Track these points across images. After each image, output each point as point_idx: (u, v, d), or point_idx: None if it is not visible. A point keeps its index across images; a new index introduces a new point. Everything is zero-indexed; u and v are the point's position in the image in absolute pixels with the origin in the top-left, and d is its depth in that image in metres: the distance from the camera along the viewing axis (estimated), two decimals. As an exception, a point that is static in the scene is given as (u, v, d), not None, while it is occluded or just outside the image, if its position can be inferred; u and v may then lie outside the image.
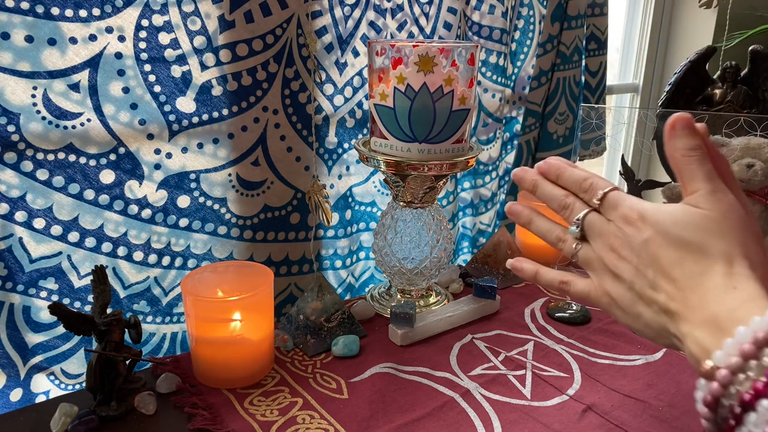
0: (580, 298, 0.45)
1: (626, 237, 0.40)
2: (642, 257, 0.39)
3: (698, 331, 0.35)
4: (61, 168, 0.66)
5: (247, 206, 0.81)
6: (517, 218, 0.49)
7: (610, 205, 0.41)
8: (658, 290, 0.38)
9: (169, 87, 0.71)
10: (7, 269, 0.65)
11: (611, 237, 0.41)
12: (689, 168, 0.39)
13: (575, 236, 0.44)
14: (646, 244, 0.38)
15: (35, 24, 0.61)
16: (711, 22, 1.51)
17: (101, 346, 0.58)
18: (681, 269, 0.37)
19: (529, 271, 0.49)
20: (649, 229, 0.38)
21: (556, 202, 0.45)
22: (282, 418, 0.59)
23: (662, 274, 0.38)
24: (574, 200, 0.44)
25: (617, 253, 0.40)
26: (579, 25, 1.13)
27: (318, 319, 0.74)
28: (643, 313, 0.40)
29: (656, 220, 0.38)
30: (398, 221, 0.79)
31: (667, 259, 0.37)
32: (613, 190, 0.42)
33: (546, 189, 0.46)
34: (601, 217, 0.42)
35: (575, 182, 0.44)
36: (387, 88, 0.71)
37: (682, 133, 0.39)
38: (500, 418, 0.60)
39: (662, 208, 0.39)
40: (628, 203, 0.40)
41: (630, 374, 0.68)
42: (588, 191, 0.43)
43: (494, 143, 1.12)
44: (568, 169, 0.45)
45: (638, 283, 0.39)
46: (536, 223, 0.48)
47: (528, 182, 0.47)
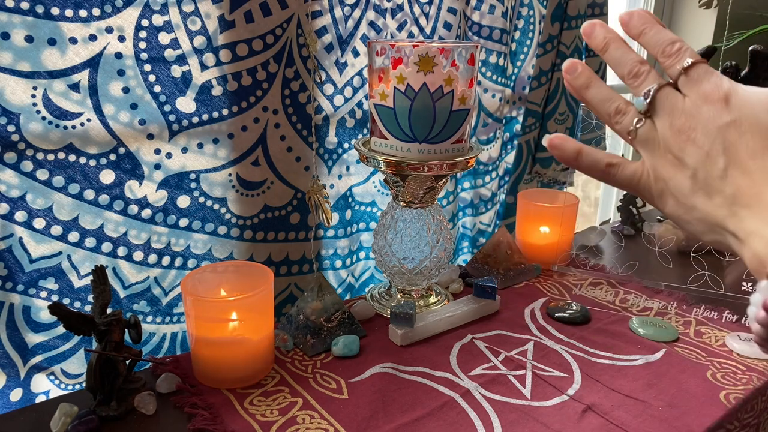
0: (627, 185, 0.40)
1: (703, 118, 0.35)
2: (717, 143, 0.34)
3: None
4: (61, 168, 0.66)
5: (247, 206, 0.81)
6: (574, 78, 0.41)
7: (695, 77, 0.36)
8: (727, 181, 0.34)
9: (169, 87, 0.71)
10: (7, 269, 0.65)
11: (684, 116, 0.36)
12: None
13: (641, 110, 0.38)
14: (726, 128, 0.34)
15: (35, 24, 0.61)
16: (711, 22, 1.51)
17: (101, 346, 0.58)
18: (762, 161, 0.33)
19: (570, 149, 0.41)
20: (734, 111, 0.34)
21: (627, 67, 0.39)
22: (282, 418, 0.59)
23: (737, 165, 0.34)
24: (649, 69, 0.38)
25: (687, 135, 0.35)
26: (579, 25, 1.13)
27: (318, 319, 0.74)
28: (701, 204, 0.35)
29: (746, 103, 0.34)
30: (398, 221, 0.79)
31: (747, 149, 0.33)
32: (703, 62, 0.36)
33: (618, 50, 0.39)
34: (676, 93, 0.36)
35: (660, 42, 0.37)
36: (387, 88, 0.71)
37: None
38: (500, 418, 0.60)
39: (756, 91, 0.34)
40: (716, 79, 0.35)
41: (630, 374, 0.68)
42: (673, 56, 0.37)
43: (494, 143, 1.12)
44: (656, 26, 0.38)
45: (704, 170, 0.35)
46: (595, 88, 0.40)
47: (599, 39, 0.40)
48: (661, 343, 0.75)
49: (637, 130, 0.38)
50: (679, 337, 0.77)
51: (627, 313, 0.84)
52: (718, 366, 0.71)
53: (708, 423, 0.60)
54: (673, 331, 0.78)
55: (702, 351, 0.74)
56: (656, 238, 1.01)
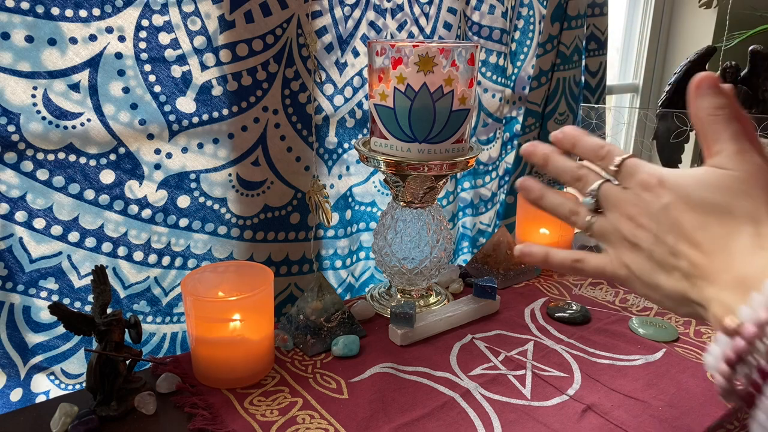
0: (596, 274, 0.43)
1: (645, 204, 0.38)
2: (662, 224, 0.37)
3: (725, 294, 0.34)
4: (61, 168, 0.66)
5: (247, 206, 0.81)
6: (527, 193, 0.46)
7: (628, 172, 0.39)
8: (679, 257, 0.36)
9: (169, 87, 0.71)
10: (7, 269, 0.65)
11: (628, 205, 0.39)
12: (714, 128, 0.36)
13: (590, 208, 0.42)
14: (667, 209, 0.37)
15: (35, 24, 0.61)
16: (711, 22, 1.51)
17: (101, 346, 0.58)
18: (704, 233, 0.35)
19: (538, 254, 0.46)
20: (669, 193, 0.37)
21: (569, 174, 0.43)
22: (282, 418, 0.59)
23: (684, 240, 0.36)
24: (588, 171, 0.42)
25: (635, 222, 0.38)
26: (579, 25, 1.13)
27: (318, 319, 0.74)
28: (664, 282, 0.38)
29: (677, 184, 0.36)
30: (398, 221, 0.80)
31: (689, 224, 0.36)
32: (631, 157, 0.39)
33: (558, 162, 0.44)
34: (617, 187, 0.40)
35: (592, 149, 0.42)
36: (387, 88, 0.71)
37: (709, 92, 0.37)
38: (500, 418, 0.60)
39: (683, 172, 0.37)
40: (647, 169, 0.38)
41: (630, 374, 0.68)
42: (605, 158, 0.41)
43: (494, 143, 1.12)
44: (584, 137, 0.43)
45: (658, 251, 0.37)
46: (548, 197, 0.45)
47: (539, 156, 0.44)
48: (661, 343, 0.75)
49: (592, 225, 0.42)
50: (679, 337, 0.77)
51: (627, 313, 0.84)
52: (718, 366, 0.71)
53: (708, 423, 0.60)
54: (673, 331, 0.78)
55: (702, 351, 0.74)
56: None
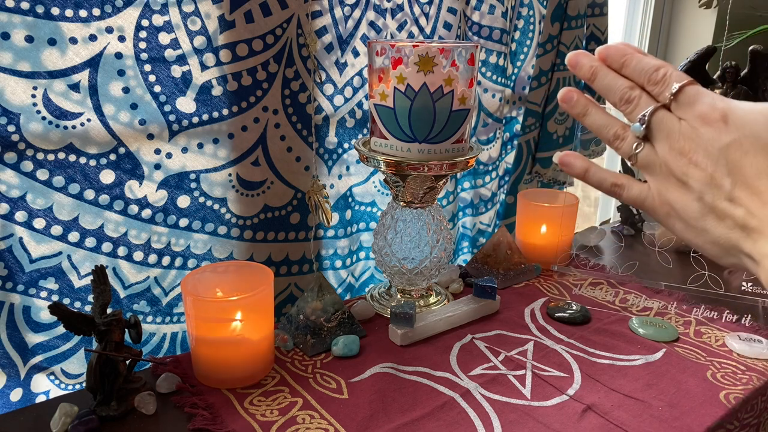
0: (634, 204, 0.40)
1: (702, 140, 0.34)
2: (720, 164, 0.33)
3: None
4: (61, 168, 0.66)
5: (247, 206, 0.81)
6: (570, 107, 0.41)
7: (686, 100, 0.35)
8: (736, 203, 0.33)
9: (169, 87, 0.71)
10: (7, 269, 0.65)
11: (683, 139, 0.35)
12: None
13: (638, 135, 0.37)
14: (728, 148, 0.33)
15: (35, 24, 0.61)
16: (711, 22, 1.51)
17: (101, 346, 0.58)
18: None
19: (579, 167, 0.42)
20: (734, 131, 0.33)
21: (618, 94, 0.38)
22: (282, 418, 0.59)
23: (744, 185, 0.33)
24: (640, 93, 0.37)
25: (688, 158, 0.35)
26: (579, 25, 1.13)
27: (318, 319, 0.74)
28: (712, 228, 0.35)
29: (745, 122, 0.33)
30: (398, 221, 0.79)
31: (752, 168, 0.32)
32: (691, 84, 0.35)
33: (607, 78, 0.39)
34: (672, 115, 0.36)
35: (644, 71, 0.37)
36: (387, 88, 0.71)
37: None
38: (500, 418, 0.60)
39: (754, 108, 0.33)
40: (709, 100, 0.34)
41: (630, 374, 0.68)
42: (660, 83, 0.36)
43: (494, 143, 1.12)
44: (636, 55, 0.38)
45: (711, 193, 0.34)
46: (592, 114, 0.40)
47: (585, 68, 0.40)
48: (661, 343, 0.75)
49: (637, 154, 0.38)
50: (679, 337, 0.77)
51: (627, 313, 0.84)
52: (718, 366, 0.71)
53: (708, 423, 0.60)
54: (673, 331, 0.78)
55: (702, 351, 0.74)
56: (656, 238, 1.01)
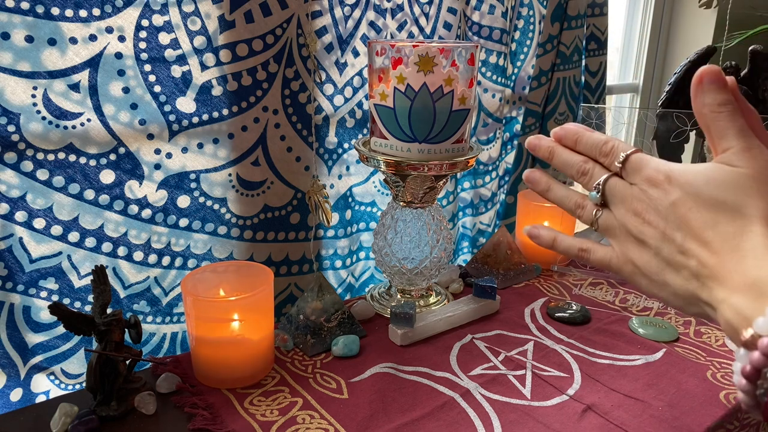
0: (601, 266, 0.43)
1: (652, 200, 0.37)
2: (670, 220, 0.36)
3: (736, 297, 0.33)
4: (61, 168, 0.66)
5: (247, 206, 0.81)
6: (535, 185, 0.46)
7: (633, 167, 0.38)
8: (688, 255, 0.35)
9: (169, 87, 0.71)
10: (7, 269, 0.65)
11: (635, 201, 0.38)
12: (719, 125, 0.36)
13: (595, 202, 0.41)
14: (675, 206, 0.36)
15: (35, 24, 0.61)
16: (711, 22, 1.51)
17: (101, 346, 0.58)
18: (714, 231, 0.34)
19: (546, 237, 0.46)
20: (677, 190, 0.36)
21: (574, 169, 0.42)
22: (282, 418, 0.59)
23: (693, 237, 0.35)
24: (593, 165, 0.41)
25: (642, 218, 0.38)
26: (579, 25, 1.13)
27: (318, 319, 0.74)
28: (671, 280, 0.37)
29: (685, 181, 0.36)
30: (398, 221, 0.79)
31: (698, 222, 0.35)
32: (636, 152, 0.39)
33: (563, 155, 0.43)
34: (623, 182, 0.39)
35: (594, 146, 0.41)
36: (387, 88, 0.71)
37: (711, 88, 0.36)
38: (500, 418, 0.60)
39: (691, 168, 0.36)
40: (654, 164, 0.38)
41: (630, 374, 0.68)
42: (609, 155, 0.40)
43: (494, 143, 1.12)
44: (586, 133, 0.42)
45: (666, 248, 0.37)
46: (554, 190, 0.45)
47: (543, 149, 0.44)
48: (661, 343, 0.75)
49: (597, 220, 0.41)
50: (679, 337, 0.77)
51: (627, 313, 0.84)
52: (718, 366, 0.71)
53: (708, 423, 0.60)
54: (673, 331, 0.78)
55: (702, 351, 0.74)
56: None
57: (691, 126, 1.07)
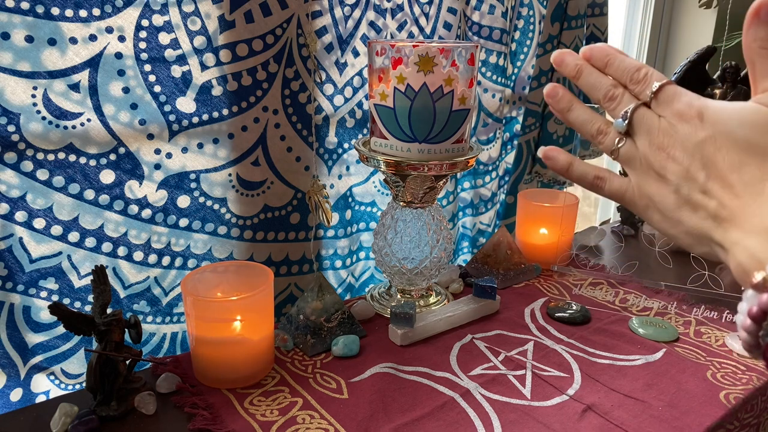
0: (614, 197, 0.42)
1: (679, 135, 0.36)
2: (695, 158, 0.35)
3: (752, 240, 0.32)
4: (61, 168, 0.66)
5: (247, 206, 0.81)
6: (555, 102, 0.43)
7: (666, 99, 0.37)
8: (709, 195, 0.35)
9: (169, 87, 0.71)
10: (7, 269, 0.65)
11: (662, 134, 0.37)
12: (765, 62, 0.34)
13: (620, 130, 0.39)
14: (703, 144, 0.35)
15: (35, 24, 0.61)
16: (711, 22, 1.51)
17: (101, 346, 0.58)
18: (740, 174, 0.34)
19: (562, 161, 0.43)
20: (708, 127, 0.35)
21: (602, 92, 0.40)
22: (282, 418, 0.59)
23: (717, 178, 0.34)
24: (623, 91, 0.39)
25: (666, 153, 0.37)
26: (579, 25, 1.13)
27: (318, 319, 0.74)
28: (687, 219, 0.36)
29: (719, 119, 0.35)
30: (398, 221, 0.79)
31: (725, 162, 0.34)
32: (670, 84, 0.37)
33: (591, 76, 0.41)
34: (652, 113, 0.38)
35: (626, 71, 0.39)
36: (387, 88, 0.71)
37: (766, 21, 0.34)
38: (500, 418, 0.60)
39: (727, 107, 0.35)
40: (687, 99, 0.36)
41: (630, 374, 0.68)
42: (641, 82, 0.38)
43: (494, 143, 1.12)
44: (618, 56, 0.40)
45: (686, 186, 0.36)
46: (576, 110, 0.42)
47: (570, 67, 0.42)
48: (661, 343, 0.75)
49: (619, 149, 0.40)
50: (679, 337, 0.77)
51: (627, 313, 0.84)
52: (718, 366, 0.71)
53: (708, 423, 0.60)
54: (673, 331, 0.78)
55: (702, 351, 0.74)
56: (656, 238, 1.01)
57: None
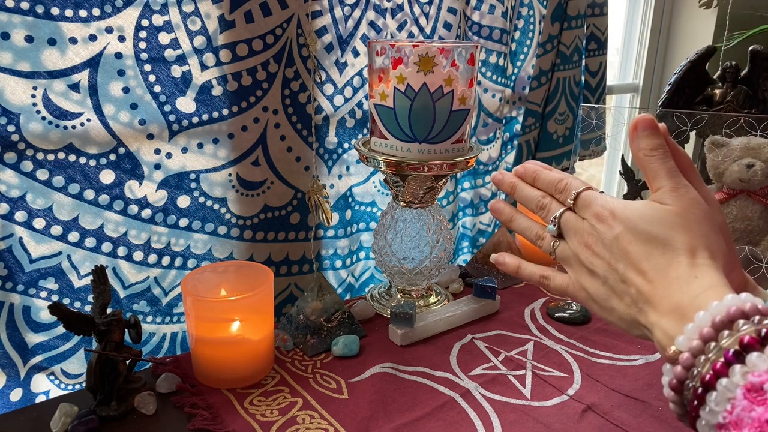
0: (559, 293, 0.47)
1: (599, 234, 0.41)
2: (614, 252, 0.41)
3: (664, 320, 0.37)
4: (61, 168, 0.66)
5: (247, 206, 0.81)
6: (499, 215, 0.51)
7: (584, 204, 0.43)
8: (629, 283, 0.40)
9: (169, 87, 0.71)
10: (7, 269, 0.65)
11: (585, 234, 0.43)
12: (652, 167, 0.41)
13: (553, 234, 0.46)
14: (617, 239, 0.40)
15: (35, 24, 0.61)
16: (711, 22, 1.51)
17: (101, 346, 0.58)
18: (649, 262, 0.39)
19: (511, 264, 0.51)
20: (619, 225, 0.40)
21: (533, 203, 0.47)
22: (282, 418, 0.59)
23: (632, 268, 0.39)
24: (550, 201, 0.46)
25: (591, 250, 0.42)
26: (579, 25, 1.13)
27: (318, 319, 0.74)
28: (617, 306, 0.41)
29: (625, 217, 0.40)
30: (398, 221, 0.79)
31: (636, 253, 0.39)
32: (586, 190, 0.44)
33: (524, 191, 0.48)
34: (575, 216, 0.44)
35: (551, 183, 0.46)
36: (387, 88, 0.71)
37: (644, 134, 0.41)
38: (500, 418, 0.60)
39: (630, 205, 0.41)
40: (600, 201, 0.42)
41: (630, 374, 0.68)
42: (563, 191, 0.45)
43: (494, 143, 1.12)
44: (543, 171, 0.47)
45: (611, 277, 0.41)
46: (517, 221, 0.50)
47: (506, 185, 0.49)
48: (661, 343, 0.75)
49: (555, 250, 0.46)
50: (679, 337, 0.77)
51: (627, 313, 0.84)
52: (718, 366, 0.71)
53: (708, 423, 0.60)
54: (673, 331, 0.77)
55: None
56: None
57: (691, 126, 1.07)
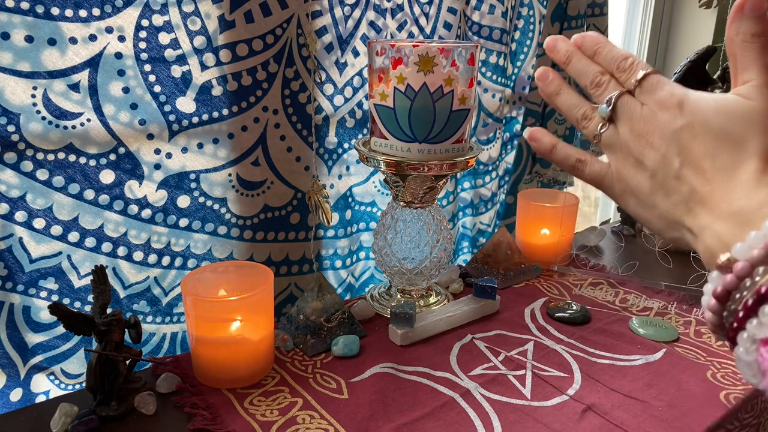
0: (593, 181, 0.43)
1: (659, 123, 0.37)
2: (672, 145, 0.37)
3: (720, 224, 0.34)
4: (61, 168, 0.66)
5: (247, 206, 0.81)
6: (546, 84, 0.45)
7: (649, 87, 0.39)
8: (682, 181, 0.36)
9: (169, 87, 0.71)
10: (7, 269, 0.65)
11: (642, 121, 0.38)
12: (746, 55, 0.36)
13: (603, 116, 0.41)
14: (680, 132, 0.36)
15: (35, 24, 0.61)
16: (711, 22, 1.51)
17: (101, 346, 0.58)
18: (712, 161, 0.35)
19: (546, 143, 0.45)
20: (687, 116, 0.36)
21: (589, 78, 0.42)
22: (282, 418, 0.59)
23: (691, 165, 0.36)
24: (609, 79, 0.41)
25: (646, 139, 0.38)
26: (579, 25, 1.13)
27: (318, 319, 0.74)
28: (660, 203, 0.38)
29: (697, 108, 0.36)
30: (398, 221, 0.79)
31: (699, 150, 0.35)
32: (654, 73, 0.39)
33: (581, 63, 0.42)
34: (635, 100, 0.39)
35: (614, 59, 0.41)
36: (387, 88, 0.71)
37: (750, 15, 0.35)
38: (500, 418, 0.60)
39: (705, 97, 0.36)
40: (669, 87, 0.38)
41: (630, 374, 0.68)
42: (627, 70, 0.40)
43: (494, 143, 1.12)
44: (608, 45, 0.41)
45: (662, 172, 0.37)
46: (564, 94, 0.44)
47: (561, 53, 0.43)
48: (661, 343, 0.75)
49: (601, 134, 0.41)
50: (679, 337, 0.77)
51: (627, 313, 0.84)
52: (718, 366, 0.71)
53: (708, 423, 0.60)
54: (673, 331, 0.78)
55: (702, 351, 0.74)
56: (656, 238, 1.01)
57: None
